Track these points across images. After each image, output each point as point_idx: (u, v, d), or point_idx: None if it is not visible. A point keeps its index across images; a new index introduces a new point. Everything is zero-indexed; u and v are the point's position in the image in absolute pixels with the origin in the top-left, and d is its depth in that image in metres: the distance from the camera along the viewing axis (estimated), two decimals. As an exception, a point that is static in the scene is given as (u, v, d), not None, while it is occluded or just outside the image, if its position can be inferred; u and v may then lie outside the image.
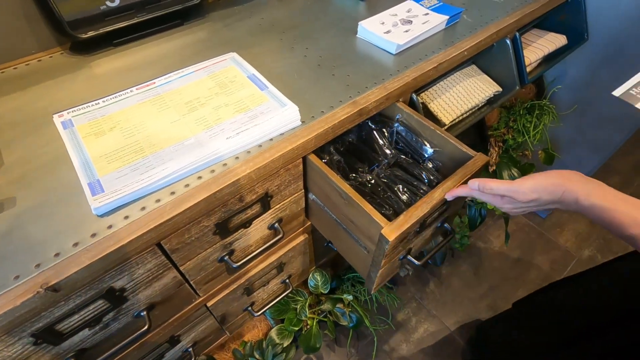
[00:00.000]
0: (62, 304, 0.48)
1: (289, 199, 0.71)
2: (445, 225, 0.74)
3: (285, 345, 0.98)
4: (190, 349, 0.83)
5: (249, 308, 0.89)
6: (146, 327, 0.59)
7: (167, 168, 0.53)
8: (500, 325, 1.15)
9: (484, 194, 0.58)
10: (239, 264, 0.67)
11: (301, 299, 1.05)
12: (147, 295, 0.59)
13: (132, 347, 0.67)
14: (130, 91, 0.66)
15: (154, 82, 0.68)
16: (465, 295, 1.49)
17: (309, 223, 0.84)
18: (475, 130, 1.23)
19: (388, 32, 0.80)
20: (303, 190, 0.73)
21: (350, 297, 1.08)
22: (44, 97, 0.67)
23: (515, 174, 1.29)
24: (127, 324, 0.61)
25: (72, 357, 0.56)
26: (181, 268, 0.61)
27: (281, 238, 0.73)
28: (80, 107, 0.63)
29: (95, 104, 0.64)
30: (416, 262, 0.69)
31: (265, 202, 0.65)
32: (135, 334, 0.59)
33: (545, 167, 1.38)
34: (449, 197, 0.60)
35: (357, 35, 0.84)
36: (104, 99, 0.65)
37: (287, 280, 0.95)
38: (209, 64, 0.72)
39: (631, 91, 0.73)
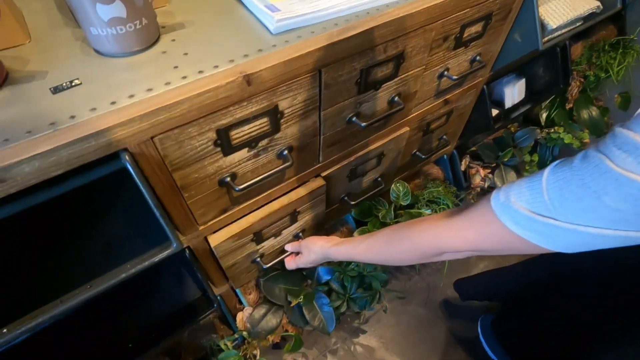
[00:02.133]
0: (245, 105, 0.52)
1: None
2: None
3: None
4: (300, 233, 0.88)
5: (346, 197, 0.93)
6: (289, 163, 0.64)
7: (337, 3, 0.57)
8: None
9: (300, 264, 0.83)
10: (365, 123, 0.71)
11: (382, 208, 1.08)
12: (292, 133, 0.63)
13: (271, 192, 0.71)
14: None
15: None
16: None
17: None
18: (558, 62, 1.22)
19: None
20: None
21: (428, 212, 1.11)
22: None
23: (594, 113, 1.28)
24: (271, 160, 0.65)
25: (228, 176, 0.61)
26: (322, 113, 0.65)
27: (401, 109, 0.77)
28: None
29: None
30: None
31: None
32: (280, 167, 0.64)
33: (620, 112, 1.37)
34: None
35: None
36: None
37: (379, 179, 0.99)
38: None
39: None
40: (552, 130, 1.31)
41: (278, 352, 1.11)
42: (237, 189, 0.60)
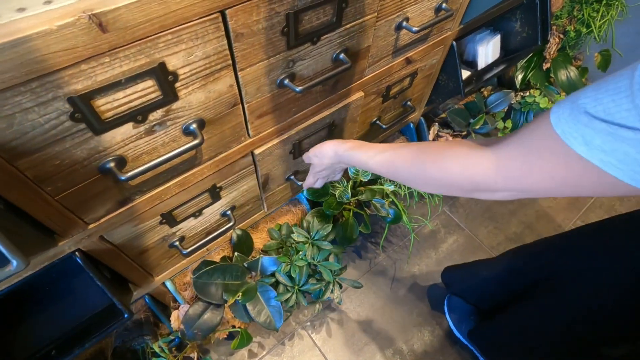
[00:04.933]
0: (108, 62, 0.37)
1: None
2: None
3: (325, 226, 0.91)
4: (229, 212, 0.74)
5: (292, 177, 0.80)
6: (199, 141, 0.49)
7: None
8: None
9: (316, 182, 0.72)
10: (301, 87, 0.56)
11: (340, 185, 0.97)
12: (198, 101, 0.48)
13: (176, 180, 0.57)
14: None
15: None
16: (496, 210, 1.44)
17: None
18: (537, 15, 1.09)
19: None
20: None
21: (391, 188, 1.00)
22: None
23: (572, 74, 1.17)
24: (176, 138, 0.50)
25: (110, 161, 0.46)
26: (240, 74, 0.50)
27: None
28: None
29: None
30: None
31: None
32: (186, 146, 0.49)
33: (599, 72, 1.27)
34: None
35: None
36: None
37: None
38: None
39: None
40: (528, 93, 1.20)
41: (229, 345, 1.02)
42: (122, 178, 0.45)
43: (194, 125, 0.50)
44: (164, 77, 0.42)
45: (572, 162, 0.30)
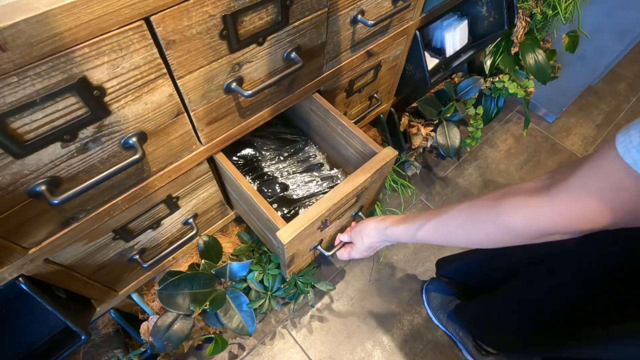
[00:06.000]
0: (16, 82, 0.33)
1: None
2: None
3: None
4: (191, 220, 0.72)
5: (256, 178, 0.78)
6: (139, 155, 0.46)
7: None
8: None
9: (352, 258, 0.71)
10: (251, 91, 0.53)
11: (310, 183, 0.95)
12: (135, 114, 0.45)
13: (124, 195, 0.54)
14: None
15: None
16: (472, 195, 1.44)
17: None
18: None
19: None
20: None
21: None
22: None
23: (540, 57, 1.17)
24: (115, 153, 0.47)
25: (41, 183, 0.43)
26: (179, 82, 0.47)
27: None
28: None
29: None
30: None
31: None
32: (125, 162, 0.46)
33: (567, 55, 1.27)
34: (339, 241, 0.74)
35: None
36: None
37: (298, 153, 0.84)
38: None
39: None
40: (497, 79, 1.19)
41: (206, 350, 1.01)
42: (54, 202, 0.42)
43: (133, 139, 0.47)
44: (88, 93, 0.39)
45: None
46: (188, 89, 0.49)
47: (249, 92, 0.53)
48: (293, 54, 0.58)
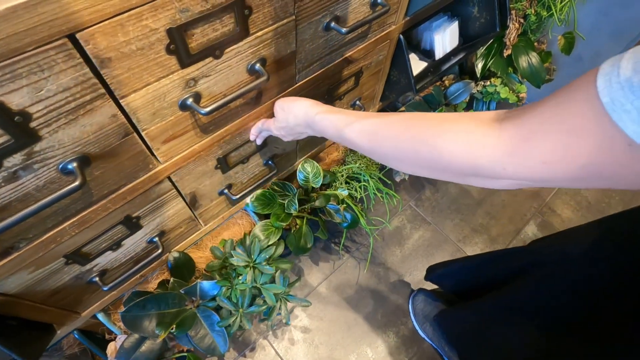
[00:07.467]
0: None
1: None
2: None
3: (271, 242, 0.85)
4: (157, 239, 0.68)
5: (226, 191, 0.73)
6: (79, 182, 0.42)
7: None
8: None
9: (264, 130, 0.63)
10: (208, 109, 0.49)
11: (290, 193, 0.91)
12: (71, 137, 0.41)
13: (72, 220, 0.50)
14: None
15: None
16: (462, 202, 1.41)
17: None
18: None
19: None
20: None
21: (345, 193, 0.95)
22: None
23: (534, 60, 1.12)
24: (52, 180, 0.43)
25: (-34, 218, 0.38)
26: (124, 103, 0.43)
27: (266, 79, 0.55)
28: None
29: None
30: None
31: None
32: (63, 190, 0.42)
33: (563, 56, 1.22)
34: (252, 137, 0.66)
35: None
36: None
37: (271, 163, 0.79)
38: None
39: None
40: (489, 82, 1.14)
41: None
42: (-23, 238, 0.38)
43: (73, 164, 0.43)
44: (8, 119, 0.35)
45: (616, 145, 0.22)
46: (134, 108, 0.44)
47: (207, 109, 0.49)
48: (258, 66, 0.53)
